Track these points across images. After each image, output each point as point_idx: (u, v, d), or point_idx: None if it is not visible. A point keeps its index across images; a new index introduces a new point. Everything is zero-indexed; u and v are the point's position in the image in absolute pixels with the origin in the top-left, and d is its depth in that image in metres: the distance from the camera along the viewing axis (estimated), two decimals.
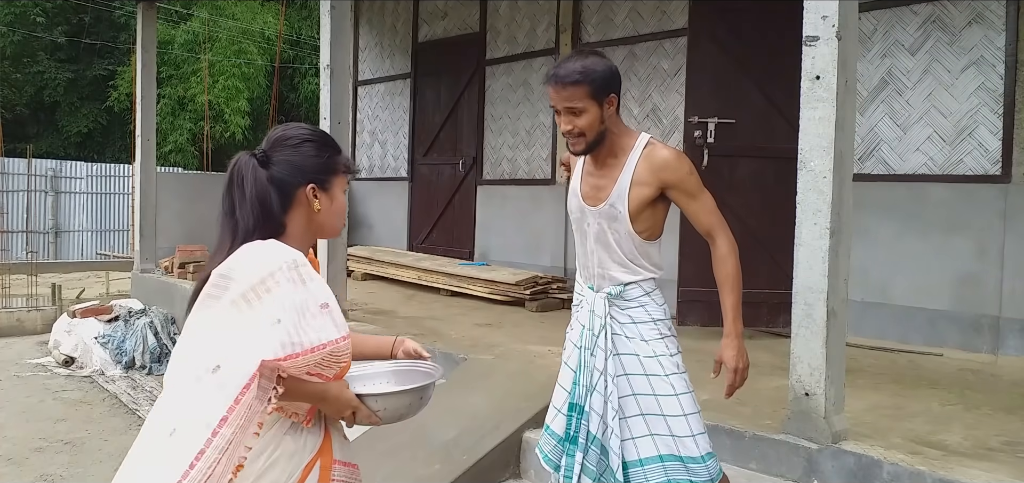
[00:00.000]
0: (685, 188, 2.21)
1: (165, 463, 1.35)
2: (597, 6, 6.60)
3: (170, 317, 7.02)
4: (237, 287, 1.46)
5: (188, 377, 1.42)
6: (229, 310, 1.45)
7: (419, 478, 3.09)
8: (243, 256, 1.52)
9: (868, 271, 4.87)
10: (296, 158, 1.61)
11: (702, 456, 2.19)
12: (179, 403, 1.42)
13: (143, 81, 7.67)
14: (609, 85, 2.21)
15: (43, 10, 19.54)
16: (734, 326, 2.18)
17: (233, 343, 1.41)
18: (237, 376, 1.37)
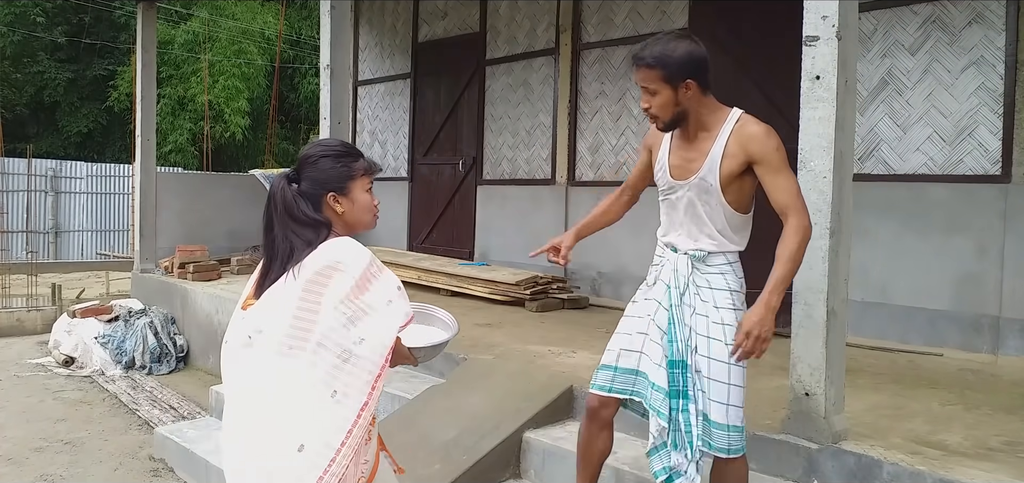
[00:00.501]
0: (769, 163, 2.26)
1: (330, 418, 1.78)
2: (597, 6, 6.60)
3: (170, 317, 7.02)
4: (347, 277, 1.83)
5: (330, 354, 1.80)
6: (349, 289, 1.83)
7: (419, 478, 3.09)
8: (339, 251, 1.88)
9: (868, 271, 4.87)
10: (315, 173, 1.97)
11: (727, 425, 2.29)
12: (332, 372, 1.80)
13: (143, 81, 7.67)
14: (685, 71, 2.28)
15: (43, 10, 19.54)
16: (768, 295, 2.19)
17: (369, 322, 1.83)
18: (379, 348, 1.82)
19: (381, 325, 1.84)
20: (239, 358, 1.94)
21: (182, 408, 5.57)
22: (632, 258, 6.29)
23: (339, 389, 1.81)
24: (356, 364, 1.81)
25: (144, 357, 6.65)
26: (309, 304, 1.83)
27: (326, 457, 1.78)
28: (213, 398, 4.84)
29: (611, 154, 6.53)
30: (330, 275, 1.85)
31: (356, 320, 1.83)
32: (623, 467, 2.96)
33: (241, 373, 1.92)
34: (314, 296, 1.83)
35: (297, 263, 1.88)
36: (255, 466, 1.84)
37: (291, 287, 1.86)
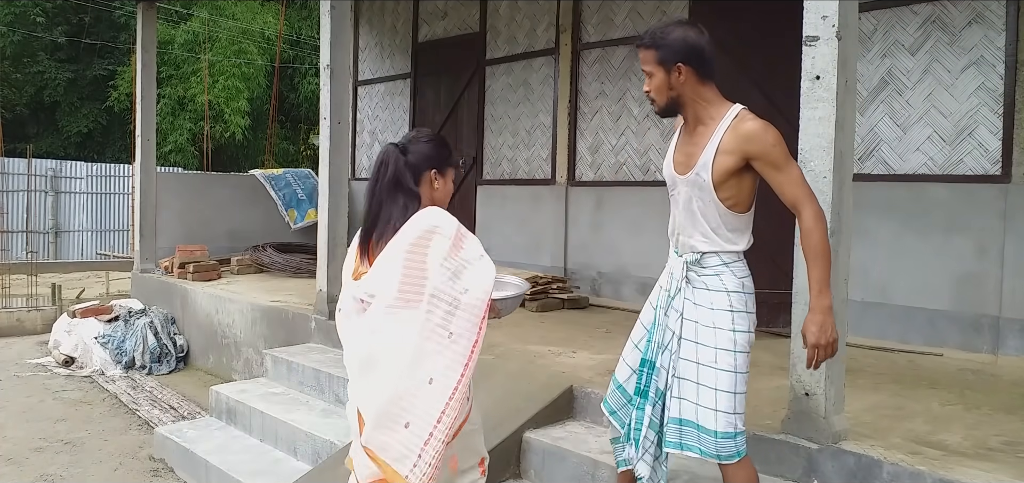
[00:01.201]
0: (769, 159, 2.23)
1: (451, 354, 2.14)
2: (597, 6, 6.60)
3: (170, 317, 7.02)
4: (445, 238, 2.17)
5: (443, 303, 2.14)
6: (447, 249, 2.17)
7: None
8: (435, 217, 2.21)
9: (868, 271, 4.87)
10: (426, 150, 2.32)
11: (716, 431, 2.26)
12: (446, 318, 2.15)
13: (143, 81, 7.67)
14: (678, 55, 2.31)
15: (43, 10, 19.53)
16: (818, 300, 2.20)
17: (470, 274, 2.18)
18: (482, 294, 2.17)
19: (479, 275, 2.21)
20: (358, 322, 2.27)
21: (182, 408, 5.57)
22: (632, 258, 6.30)
23: (454, 331, 2.17)
24: (465, 309, 2.17)
25: (144, 357, 6.65)
26: (415, 264, 2.18)
27: (452, 383, 2.15)
28: (213, 398, 4.84)
29: (611, 154, 6.53)
30: (430, 238, 2.19)
31: (459, 274, 2.19)
32: None
33: (364, 333, 2.23)
34: (419, 257, 2.18)
35: (396, 230, 2.22)
36: (394, 406, 2.16)
37: (395, 252, 2.20)
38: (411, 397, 2.16)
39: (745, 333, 2.30)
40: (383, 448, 2.19)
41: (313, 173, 9.36)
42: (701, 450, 2.28)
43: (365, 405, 2.23)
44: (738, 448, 2.28)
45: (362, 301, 2.26)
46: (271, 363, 5.00)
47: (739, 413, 2.29)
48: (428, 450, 2.16)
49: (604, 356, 4.24)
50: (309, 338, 5.26)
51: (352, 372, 2.29)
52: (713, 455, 2.28)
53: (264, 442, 4.34)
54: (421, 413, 2.16)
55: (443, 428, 2.16)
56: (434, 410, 2.16)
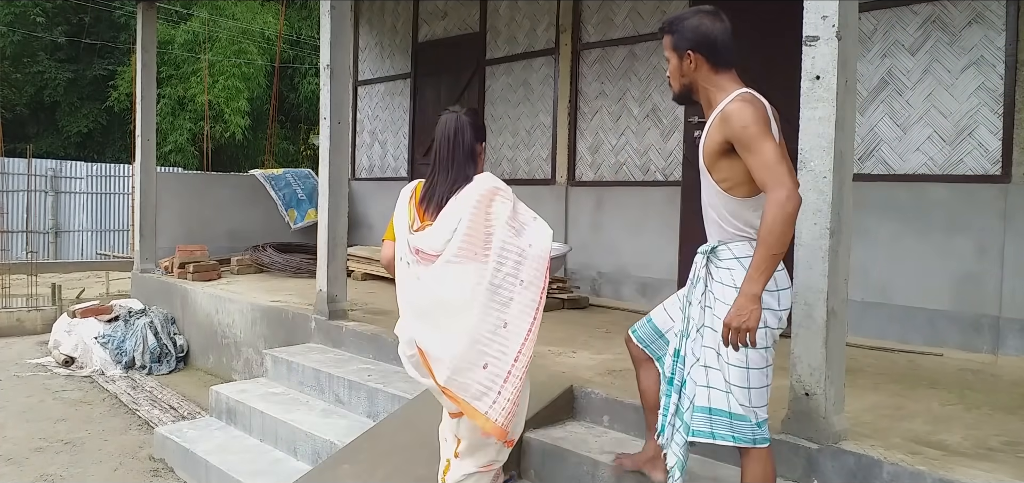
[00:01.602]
0: (740, 142, 2.19)
1: (525, 300, 2.45)
2: (597, 6, 6.60)
3: (170, 317, 7.02)
4: (507, 199, 2.52)
5: (513, 255, 2.46)
6: (511, 210, 2.50)
7: (419, 478, 3.09)
8: (494, 179, 2.56)
9: (868, 271, 4.87)
10: (478, 123, 2.72)
11: (730, 413, 2.27)
12: (516, 269, 2.46)
13: (143, 81, 7.67)
14: (689, 41, 2.34)
15: (43, 10, 19.53)
16: (746, 284, 2.14)
17: (531, 231, 2.52)
18: (544, 248, 2.49)
19: (540, 232, 2.54)
20: (417, 270, 2.53)
21: (182, 408, 5.57)
22: (632, 258, 6.29)
23: (525, 279, 2.47)
24: (532, 260, 2.48)
25: (144, 357, 6.65)
26: (480, 222, 2.46)
27: (526, 326, 2.43)
28: (213, 398, 4.84)
29: (611, 154, 6.53)
30: (492, 199, 2.50)
31: (521, 231, 2.52)
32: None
33: (428, 281, 2.48)
34: (484, 215, 2.48)
35: (459, 190, 2.53)
36: (471, 351, 2.40)
37: (460, 209, 2.48)
38: (487, 341, 2.43)
39: (760, 328, 2.26)
40: (463, 388, 2.44)
41: (313, 173, 9.36)
42: (733, 436, 2.29)
43: (429, 345, 2.51)
44: (753, 435, 2.29)
45: (423, 252, 2.54)
46: (271, 363, 5.00)
47: (757, 405, 2.29)
48: (507, 387, 2.44)
49: (604, 356, 4.24)
50: (309, 338, 5.26)
51: (408, 315, 2.59)
52: (730, 438, 2.29)
53: (264, 442, 4.34)
54: (497, 354, 2.43)
55: (520, 367, 2.45)
56: (511, 350, 2.44)
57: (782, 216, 2.08)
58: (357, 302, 5.88)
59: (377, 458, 3.29)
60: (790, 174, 2.13)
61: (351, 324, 5.03)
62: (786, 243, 2.12)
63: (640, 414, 3.25)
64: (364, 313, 5.50)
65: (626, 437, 3.27)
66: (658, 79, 6.15)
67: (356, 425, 3.99)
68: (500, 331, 2.43)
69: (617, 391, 3.45)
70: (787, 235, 2.10)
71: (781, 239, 2.09)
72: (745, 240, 2.32)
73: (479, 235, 2.46)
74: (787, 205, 2.08)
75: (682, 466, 2.40)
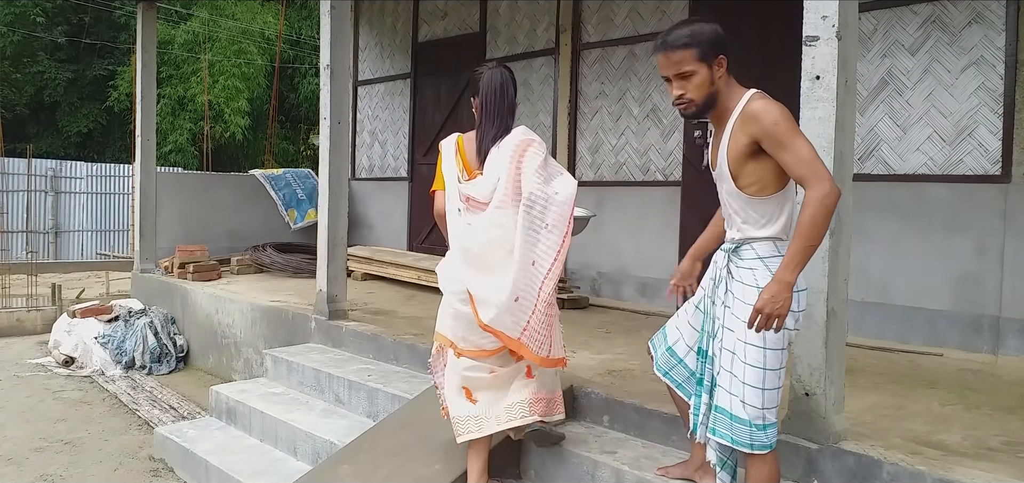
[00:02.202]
0: (773, 138, 2.19)
1: (549, 241, 2.76)
2: (597, 6, 6.60)
3: (170, 317, 7.02)
4: (539, 149, 2.85)
5: (537, 200, 2.76)
6: (541, 161, 2.82)
7: (419, 478, 3.09)
8: (528, 132, 2.90)
9: (868, 271, 4.87)
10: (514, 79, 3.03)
11: (744, 419, 2.27)
12: (542, 214, 2.77)
13: (143, 81, 7.67)
14: (717, 46, 2.30)
15: (43, 10, 19.54)
16: (782, 272, 2.16)
17: (558, 181, 2.84)
18: (569, 196, 2.82)
19: (566, 182, 2.84)
20: (467, 217, 2.84)
21: (182, 408, 5.57)
22: (632, 258, 6.29)
23: (549, 223, 2.77)
24: (557, 205, 2.78)
25: (144, 357, 6.65)
26: (515, 171, 2.78)
27: (548, 263, 2.73)
28: (213, 398, 4.84)
29: (611, 154, 6.53)
30: (526, 149, 2.81)
31: (549, 180, 2.82)
32: (623, 467, 2.96)
33: (480, 225, 2.80)
34: (517, 164, 2.79)
35: (500, 141, 2.85)
36: (509, 290, 2.69)
37: (502, 158, 2.80)
38: (521, 278, 2.72)
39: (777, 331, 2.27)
40: (503, 325, 2.73)
41: (313, 173, 9.36)
42: (731, 438, 2.30)
43: (477, 289, 2.78)
44: (751, 439, 2.29)
45: (473, 199, 2.85)
46: (271, 363, 5.00)
47: (768, 408, 2.28)
48: (535, 317, 2.73)
49: (604, 356, 4.24)
50: (309, 338, 5.26)
51: (459, 260, 2.86)
52: (739, 443, 2.29)
53: (264, 442, 4.34)
54: (526, 288, 2.72)
55: (544, 299, 2.74)
56: (535, 284, 2.74)
57: (824, 210, 2.13)
58: (357, 302, 5.88)
59: (377, 458, 3.29)
60: (824, 169, 2.17)
61: (351, 324, 5.03)
62: (822, 237, 2.16)
63: (641, 415, 3.26)
64: (364, 313, 5.50)
65: (626, 437, 3.28)
66: (658, 79, 6.14)
67: (356, 425, 3.99)
68: (529, 269, 2.73)
69: (617, 391, 3.45)
70: (825, 229, 2.16)
71: (821, 232, 2.14)
72: (770, 241, 2.32)
73: (515, 183, 2.79)
74: (828, 199, 2.13)
75: (728, 465, 2.41)
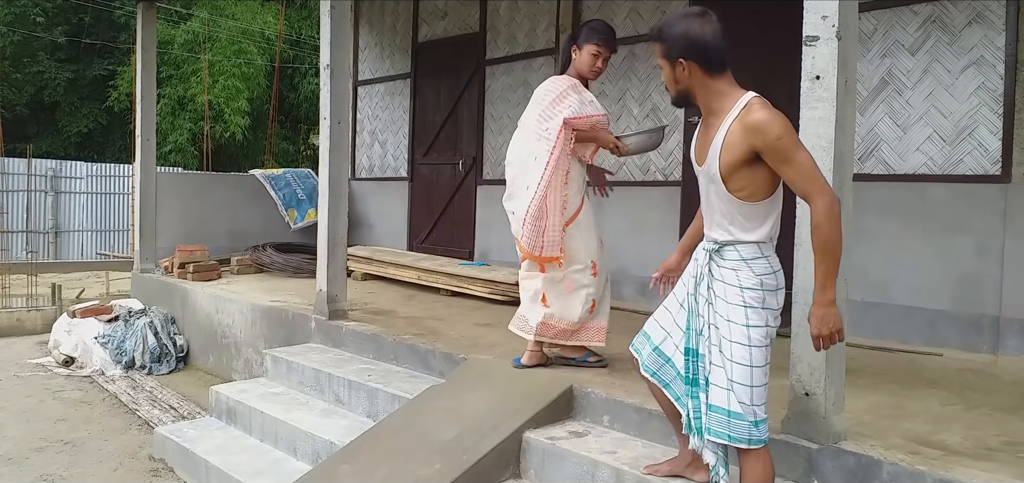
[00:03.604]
0: (776, 153, 2.20)
1: (536, 171, 3.58)
2: (597, 6, 6.60)
3: (170, 317, 7.02)
4: (547, 94, 3.67)
5: (532, 133, 3.65)
6: (547, 102, 3.64)
7: (419, 478, 3.09)
8: (547, 81, 3.76)
9: (868, 271, 4.87)
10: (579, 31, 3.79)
11: (741, 415, 2.28)
12: (534, 145, 3.62)
13: (143, 81, 7.67)
14: (679, 49, 2.32)
15: (43, 10, 19.54)
16: (821, 295, 2.19)
17: (554, 122, 3.57)
18: (554, 130, 3.55)
19: (554, 122, 3.57)
20: None
21: (182, 408, 5.57)
22: (632, 258, 6.29)
23: (538, 156, 3.59)
24: (545, 139, 3.58)
25: (144, 357, 6.65)
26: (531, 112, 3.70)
27: (534, 187, 3.56)
28: (213, 398, 4.84)
29: (611, 154, 6.51)
30: (539, 94, 3.73)
31: (547, 118, 3.59)
32: (623, 467, 2.96)
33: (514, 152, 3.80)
34: (534, 107, 3.69)
35: None
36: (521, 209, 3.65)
37: (531, 102, 3.74)
38: (521, 200, 3.66)
39: (760, 328, 2.29)
40: (518, 234, 3.68)
41: (313, 173, 9.36)
42: (729, 436, 2.30)
43: (509, 205, 3.80)
44: (750, 434, 2.29)
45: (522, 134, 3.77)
46: (271, 363, 5.00)
47: (757, 404, 2.30)
48: (526, 227, 3.59)
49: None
50: (309, 338, 5.26)
51: None
52: (725, 436, 2.30)
53: (264, 442, 4.34)
54: (522, 206, 3.62)
55: (533, 214, 3.55)
56: (526, 203, 3.60)
57: (834, 223, 2.15)
58: (357, 302, 5.88)
59: (377, 458, 3.29)
60: (824, 180, 2.21)
61: (351, 324, 5.03)
62: (842, 245, 2.19)
63: (641, 414, 3.25)
64: (364, 313, 5.51)
65: (626, 437, 3.27)
66: (658, 79, 6.14)
67: (356, 425, 3.99)
68: (524, 193, 3.65)
69: (617, 391, 3.45)
70: (841, 237, 2.18)
71: (841, 244, 2.18)
72: (754, 244, 2.32)
73: (529, 121, 3.70)
74: (834, 209, 2.15)
75: (725, 462, 2.42)
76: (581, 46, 3.65)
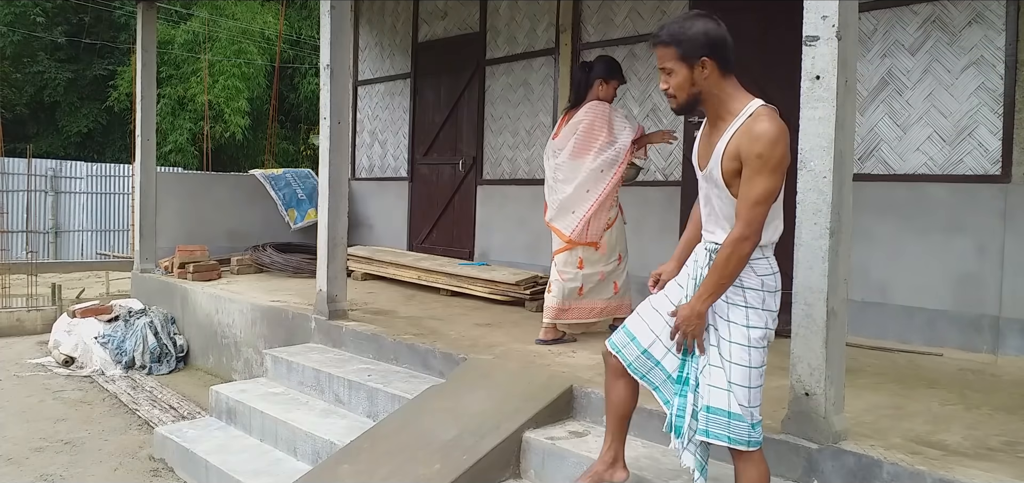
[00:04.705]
0: (748, 162, 2.21)
1: (602, 181, 4.54)
2: (597, 6, 6.60)
3: (170, 317, 7.02)
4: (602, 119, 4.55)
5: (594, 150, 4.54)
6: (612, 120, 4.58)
7: (419, 478, 3.09)
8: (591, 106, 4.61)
9: (868, 271, 4.87)
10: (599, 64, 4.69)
11: (742, 417, 2.28)
12: (600, 159, 4.51)
13: (143, 81, 7.67)
14: (702, 48, 2.27)
15: (43, 10, 19.54)
16: (695, 301, 2.30)
17: (620, 144, 4.53)
18: (624, 146, 4.55)
19: (624, 139, 4.55)
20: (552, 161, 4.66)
21: (182, 408, 5.57)
22: (632, 258, 6.28)
23: (604, 169, 4.52)
24: (616, 156, 4.55)
25: (144, 357, 6.65)
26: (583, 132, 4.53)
27: (596, 196, 4.51)
28: (213, 398, 4.84)
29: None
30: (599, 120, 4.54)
31: (612, 139, 4.52)
32: None
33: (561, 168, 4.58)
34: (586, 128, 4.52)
35: None
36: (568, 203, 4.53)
37: (574, 123, 4.58)
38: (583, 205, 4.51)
39: (760, 329, 2.30)
40: (568, 230, 4.53)
41: (313, 173, 9.36)
42: (729, 437, 2.30)
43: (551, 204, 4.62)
44: (748, 436, 2.30)
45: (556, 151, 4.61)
46: (271, 363, 5.00)
47: (754, 405, 2.31)
48: (589, 227, 4.53)
49: None
50: (309, 338, 5.26)
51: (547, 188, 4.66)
52: (725, 439, 2.30)
53: (264, 442, 4.34)
54: (584, 209, 4.51)
55: (593, 213, 4.50)
56: (588, 205, 4.50)
57: (737, 258, 2.23)
58: (357, 302, 5.88)
59: (377, 458, 3.29)
60: (761, 219, 2.22)
61: (351, 324, 5.03)
62: (734, 276, 2.27)
63: (640, 415, 3.25)
64: (364, 313, 5.51)
65: (627, 437, 3.27)
66: (657, 79, 6.13)
67: (356, 425, 4.00)
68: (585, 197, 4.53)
69: None
70: (738, 271, 2.26)
71: (734, 273, 2.26)
72: None
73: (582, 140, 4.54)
74: (743, 247, 2.22)
75: (702, 467, 2.40)
76: (608, 81, 4.58)
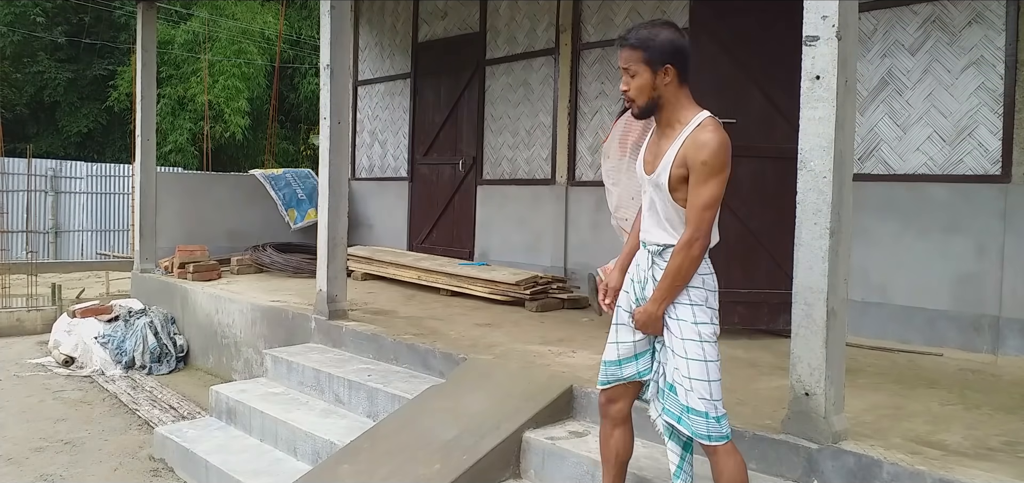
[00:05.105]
0: (693, 170, 2.29)
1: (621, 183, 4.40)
2: (597, 6, 6.60)
3: (170, 317, 7.02)
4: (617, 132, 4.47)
5: None
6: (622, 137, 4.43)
7: (419, 478, 3.09)
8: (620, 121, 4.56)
9: (868, 271, 4.87)
10: None
11: (701, 411, 2.33)
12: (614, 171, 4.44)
13: (143, 81, 7.67)
14: (666, 56, 2.35)
15: (43, 10, 19.53)
16: (653, 302, 2.37)
17: None
18: None
19: None
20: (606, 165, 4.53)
21: (182, 408, 5.57)
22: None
23: None
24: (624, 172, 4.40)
25: (144, 357, 6.65)
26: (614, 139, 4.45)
27: None
28: (213, 398, 4.84)
29: None
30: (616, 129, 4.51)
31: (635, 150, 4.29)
32: None
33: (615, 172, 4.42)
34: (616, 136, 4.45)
35: None
36: None
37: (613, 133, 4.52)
38: None
39: (708, 325, 2.36)
40: None
41: (313, 173, 9.36)
42: (693, 431, 2.35)
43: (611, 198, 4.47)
44: (709, 430, 2.33)
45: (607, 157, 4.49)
46: (271, 363, 5.00)
47: (716, 399, 2.35)
48: None
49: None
50: (309, 338, 5.26)
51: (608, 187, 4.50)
52: (705, 437, 2.34)
53: (264, 442, 4.34)
54: None
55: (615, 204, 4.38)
56: None
57: (689, 261, 2.31)
58: (357, 302, 5.87)
59: (377, 458, 3.29)
60: (709, 222, 2.30)
61: (351, 324, 5.03)
62: (688, 279, 2.35)
63: (642, 415, 3.25)
64: (364, 313, 5.50)
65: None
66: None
67: (356, 425, 3.99)
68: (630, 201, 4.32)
69: None
70: (691, 273, 2.34)
71: (687, 277, 2.34)
72: None
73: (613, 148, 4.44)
74: (694, 250, 2.30)
75: (672, 433, 2.48)
76: None
